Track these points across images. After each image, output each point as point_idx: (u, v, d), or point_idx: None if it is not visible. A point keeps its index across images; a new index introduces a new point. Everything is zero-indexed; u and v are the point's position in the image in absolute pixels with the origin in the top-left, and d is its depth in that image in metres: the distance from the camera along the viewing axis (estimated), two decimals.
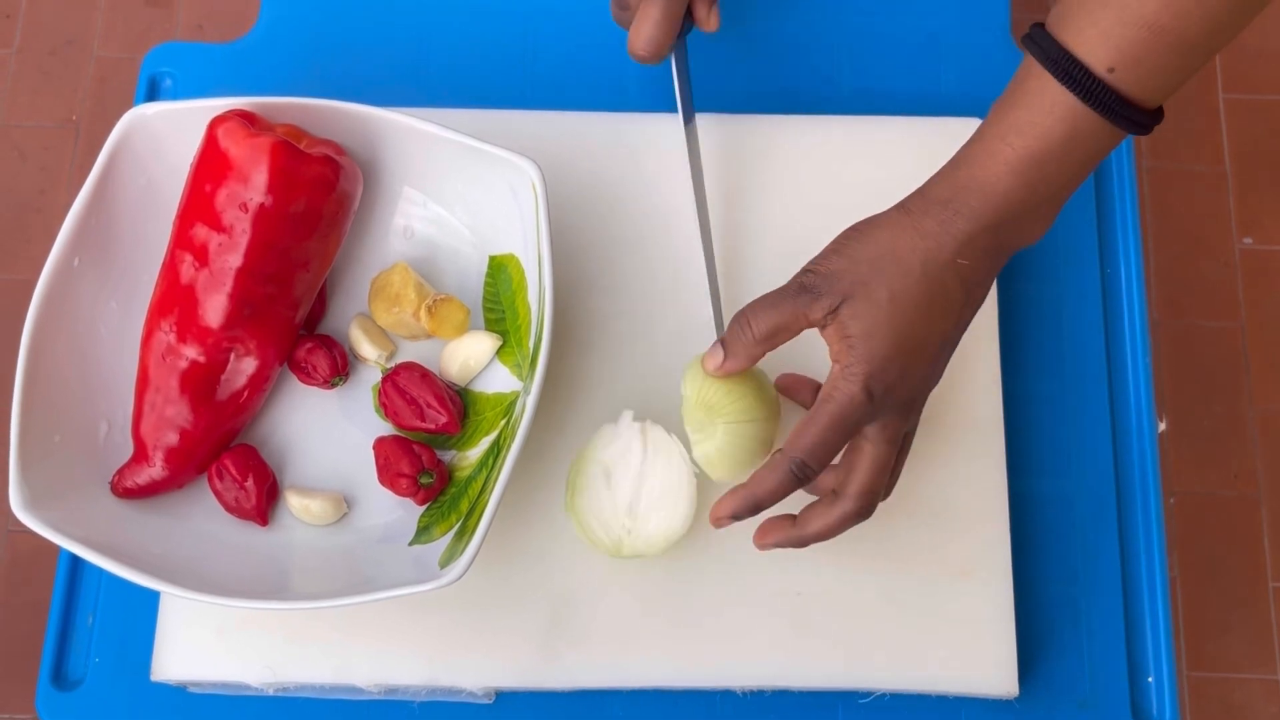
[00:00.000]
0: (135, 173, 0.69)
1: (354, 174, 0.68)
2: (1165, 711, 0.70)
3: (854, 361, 0.56)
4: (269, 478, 0.68)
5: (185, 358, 0.66)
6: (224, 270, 0.65)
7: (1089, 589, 0.71)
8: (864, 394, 0.55)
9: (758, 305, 0.59)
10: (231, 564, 0.65)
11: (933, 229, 0.56)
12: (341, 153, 0.67)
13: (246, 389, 0.67)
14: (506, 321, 0.70)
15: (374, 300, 0.71)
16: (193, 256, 0.65)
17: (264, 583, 0.65)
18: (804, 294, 0.57)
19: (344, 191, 0.67)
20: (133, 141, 0.68)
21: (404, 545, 0.66)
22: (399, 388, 0.68)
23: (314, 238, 0.66)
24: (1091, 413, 0.74)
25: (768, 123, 0.77)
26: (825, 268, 0.57)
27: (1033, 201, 0.56)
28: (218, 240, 0.65)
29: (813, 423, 0.56)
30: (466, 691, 0.68)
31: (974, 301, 0.58)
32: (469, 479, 0.67)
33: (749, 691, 0.68)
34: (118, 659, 0.70)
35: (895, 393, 0.56)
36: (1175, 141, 1.49)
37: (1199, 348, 1.42)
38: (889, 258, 0.56)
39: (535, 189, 0.65)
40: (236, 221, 0.64)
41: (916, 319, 0.56)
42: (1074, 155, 0.55)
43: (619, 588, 0.68)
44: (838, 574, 0.69)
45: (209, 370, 0.66)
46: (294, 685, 0.68)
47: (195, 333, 0.66)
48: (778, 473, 0.57)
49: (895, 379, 0.56)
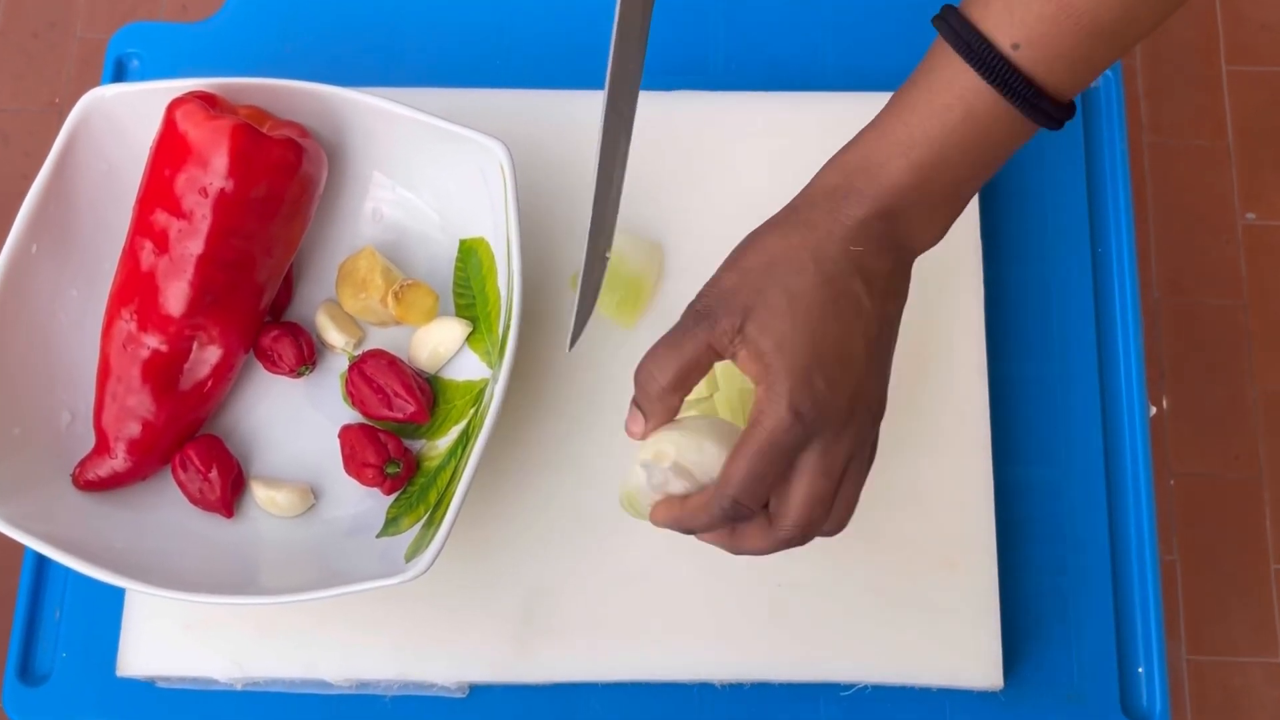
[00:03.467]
0: (95, 157, 0.67)
1: (318, 157, 0.66)
2: (1156, 704, 0.68)
3: (774, 380, 0.51)
4: (234, 469, 0.66)
5: (147, 347, 0.64)
6: (184, 257, 0.63)
7: (1077, 578, 0.69)
8: (790, 415, 0.50)
9: (657, 352, 0.54)
10: (197, 558, 0.64)
11: (820, 220, 0.53)
12: (305, 135, 0.66)
13: (210, 378, 0.66)
14: (477, 307, 0.68)
15: (341, 286, 0.69)
16: (152, 243, 0.64)
17: (230, 577, 0.64)
18: (702, 322, 0.53)
19: (307, 175, 0.65)
20: (92, 125, 0.67)
21: (372, 538, 0.64)
22: (366, 376, 0.67)
23: (277, 222, 0.65)
24: (1081, 397, 0.72)
25: (747, 100, 0.75)
26: (717, 288, 0.53)
27: (927, 189, 0.52)
28: (178, 226, 0.63)
29: (741, 455, 0.51)
30: (439, 685, 0.67)
31: (883, 296, 0.53)
32: (438, 469, 0.65)
33: (727, 685, 0.67)
34: (85, 654, 0.69)
35: (826, 408, 0.51)
36: (1176, 115, 1.47)
37: (1200, 326, 1.40)
38: (780, 260, 0.52)
39: (504, 170, 0.64)
40: (196, 207, 0.63)
41: (825, 319, 0.51)
42: (973, 141, 0.51)
43: (594, 579, 0.67)
44: (818, 564, 0.67)
45: (171, 359, 0.65)
46: (263, 680, 0.67)
47: (156, 321, 0.64)
48: (711, 511, 0.53)
49: (824, 391, 0.51)
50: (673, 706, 0.67)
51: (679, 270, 0.72)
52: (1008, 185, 0.76)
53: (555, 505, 0.68)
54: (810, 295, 0.51)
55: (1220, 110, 1.48)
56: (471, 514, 0.68)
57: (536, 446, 0.69)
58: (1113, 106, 0.78)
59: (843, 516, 0.55)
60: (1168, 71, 1.48)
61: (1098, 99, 0.78)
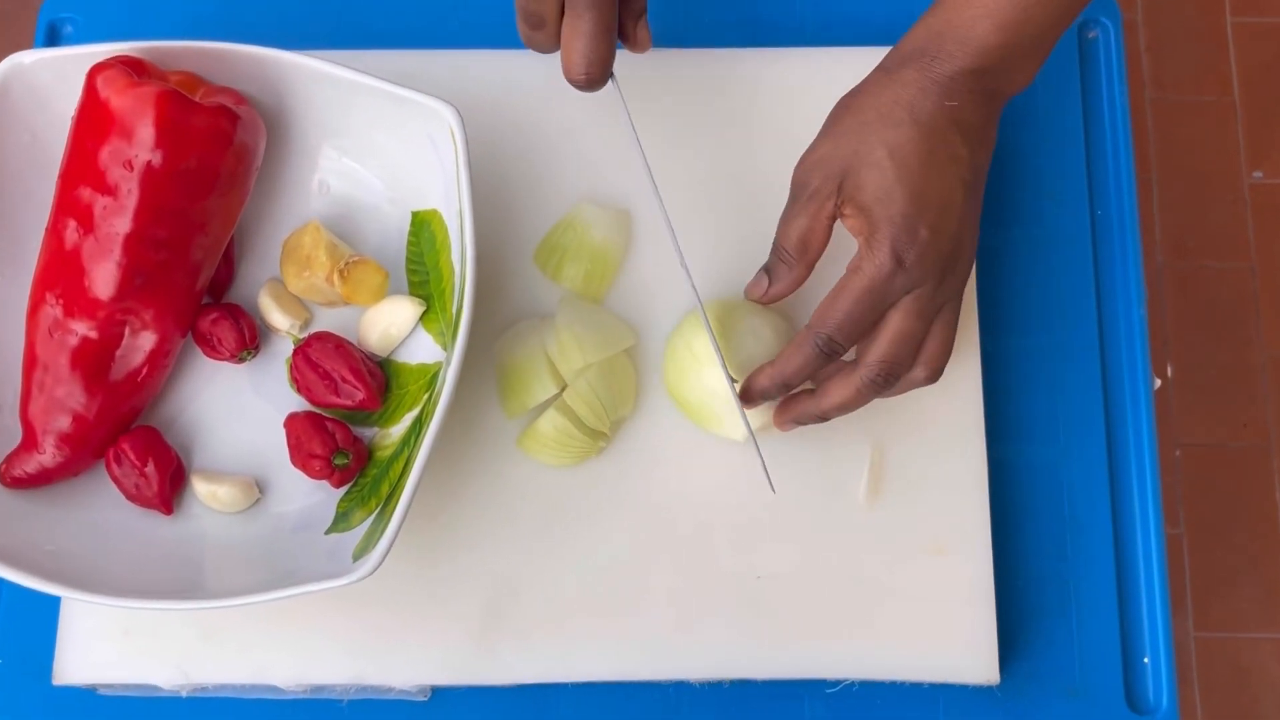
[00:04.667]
0: (17, 128, 0.63)
1: (254, 125, 0.62)
2: (1164, 697, 0.64)
3: (876, 229, 0.54)
4: (173, 462, 0.62)
5: (75, 333, 0.60)
6: (111, 236, 0.59)
7: (1078, 565, 0.66)
8: (892, 261, 0.53)
9: (780, 223, 0.58)
10: (135, 559, 0.60)
11: (913, 77, 0.55)
12: (242, 101, 0.61)
13: (145, 366, 0.62)
14: (430, 284, 0.64)
15: (285, 264, 0.65)
16: (77, 222, 0.59)
17: (171, 580, 0.60)
18: (804, 190, 0.56)
19: (243, 144, 0.61)
20: (12, 93, 0.62)
21: (320, 534, 0.61)
22: (311, 361, 0.63)
23: (211, 197, 0.60)
24: (1080, 371, 0.68)
25: (722, 56, 0.70)
26: (815, 155, 0.56)
27: (1015, 45, 0.55)
28: (103, 203, 0.59)
29: (841, 296, 0.55)
30: (398, 689, 0.63)
31: (976, 146, 0.56)
32: (391, 458, 0.61)
33: (705, 683, 0.64)
34: (21, 661, 0.65)
35: (927, 255, 0.54)
36: (1180, 71, 1.43)
37: (1206, 290, 1.37)
38: (875, 119, 0.55)
39: (454, 136, 0.60)
40: (122, 181, 0.58)
41: (925, 171, 0.54)
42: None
43: (561, 574, 0.63)
44: (800, 554, 0.63)
45: (101, 346, 0.61)
46: (210, 686, 0.63)
47: (84, 306, 0.60)
48: (804, 350, 0.56)
49: (926, 239, 0.53)
50: (647, 707, 0.64)
51: (647, 238, 0.68)
52: (999, 146, 0.71)
53: (519, 496, 0.64)
54: (909, 147, 0.54)
55: (1225, 64, 1.45)
56: (430, 507, 0.64)
57: (497, 434, 0.65)
58: (1112, 59, 0.73)
59: (938, 361, 0.57)
60: (1170, 24, 1.44)
61: (1096, 51, 0.73)
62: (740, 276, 0.67)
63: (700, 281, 0.67)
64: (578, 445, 0.63)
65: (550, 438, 0.63)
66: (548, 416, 0.62)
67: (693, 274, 0.66)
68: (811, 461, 0.64)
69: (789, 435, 0.64)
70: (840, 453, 0.65)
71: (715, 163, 0.69)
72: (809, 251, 0.57)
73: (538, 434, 0.63)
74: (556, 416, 0.62)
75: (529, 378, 0.63)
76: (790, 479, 0.64)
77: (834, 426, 0.64)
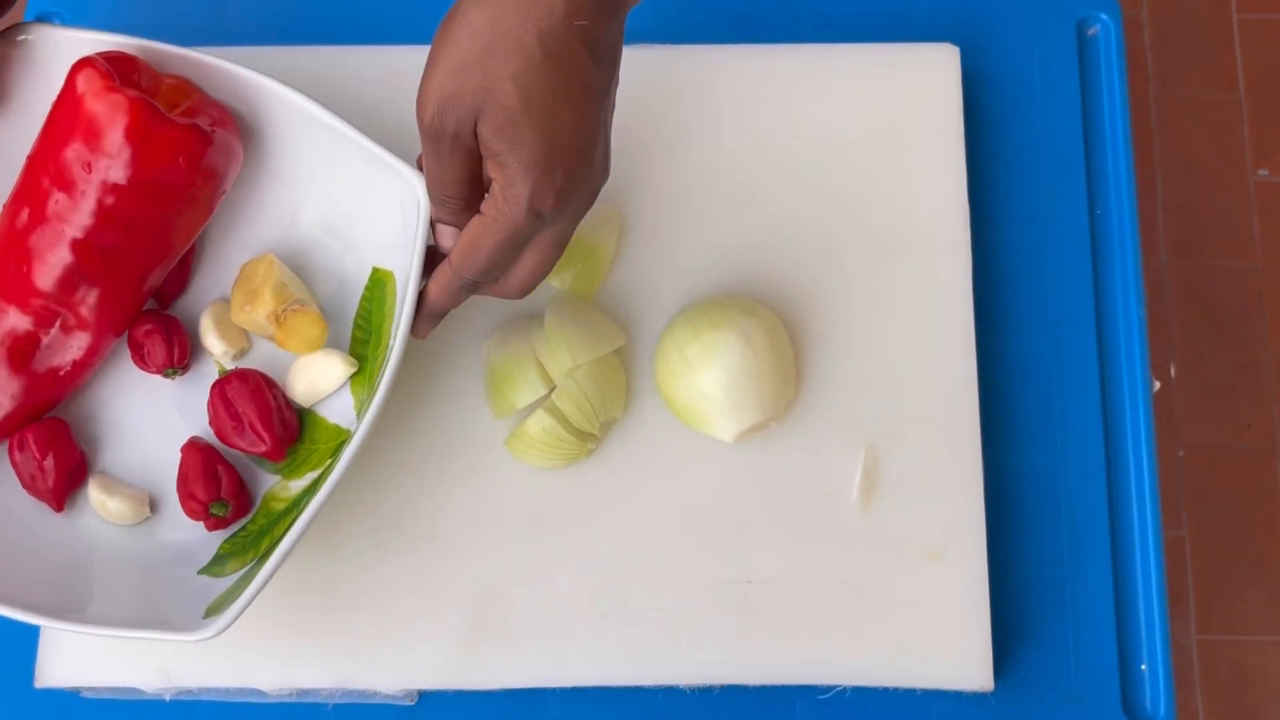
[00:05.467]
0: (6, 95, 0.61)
1: (228, 149, 0.60)
2: (1161, 705, 0.63)
3: (511, 181, 0.50)
4: (74, 460, 0.61)
5: (7, 317, 0.60)
6: (60, 233, 0.58)
7: (1075, 570, 0.65)
8: (529, 213, 0.51)
9: (432, 178, 0.54)
10: (18, 549, 0.59)
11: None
12: (226, 121, 0.60)
13: (69, 364, 0.61)
14: (370, 347, 0.62)
15: (236, 290, 0.63)
16: (31, 210, 0.59)
17: (48, 584, 0.58)
18: (442, 135, 0.51)
19: (211, 167, 0.59)
20: None
21: (193, 572, 0.59)
22: (226, 399, 0.61)
23: (170, 212, 0.59)
24: (1078, 374, 0.67)
25: (715, 53, 0.69)
26: (440, 92, 0.49)
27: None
28: (58, 198, 0.58)
29: (478, 245, 0.53)
30: (384, 694, 0.62)
31: (609, 67, 0.51)
32: (283, 513, 0.60)
33: (695, 688, 0.63)
34: (5, 662, 0.64)
35: (564, 199, 0.51)
36: (1185, 67, 1.42)
37: (1210, 289, 1.36)
38: (498, 44, 0.48)
39: (420, 208, 0.57)
40: (80, 182, 0.57)
41: (559, 107, 0.49)
42: None
43: (549, 577, 0.63)
44: (792, 558, 0.63)
45: (29, 336, 0.60)
46: (195, 689, 0.62)
47: (21, 292, 0.59)
48: (449, 291, 0.56)
49: (563, 185, 0.50)
50: (637, 712, 0.63)
51: (639, 237, 0.67)
52: (998, 140, 0.70)
53: (507, 499, 0.64)
54: (541, 83, 0.48)
55: (1231, 61, 1.43)
56: (416, 508, 0.63)
57: (485, 435, 0.64)
58: (1112, 56, 0.72)
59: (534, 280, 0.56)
60: (1175, 20, 1.43)
61: (1095, 46, 0.72)
62: (733, 275, 0.66)
63: (692, 280, 0.66)
64: (566, 447, 0.62)
65: (539, 439, 0.62)
66: (536, 418, 0.62)
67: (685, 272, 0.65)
68: (804, 465, 0.64)
69: (780, 438, 0.63)
70: (833, 457, 0.64)
71: (708, 160, 0.68)
72: (466, 192, 0.54)
73: (526, 435, 0.62)
74: (545, 418, 0.61)
75: (517, 378, 0.63)
76: (783, 482, 0.63)
77: (827, 428, 0.64)
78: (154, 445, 0.63)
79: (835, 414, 0.64)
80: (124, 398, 0.64)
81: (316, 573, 0.62)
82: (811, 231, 0.67)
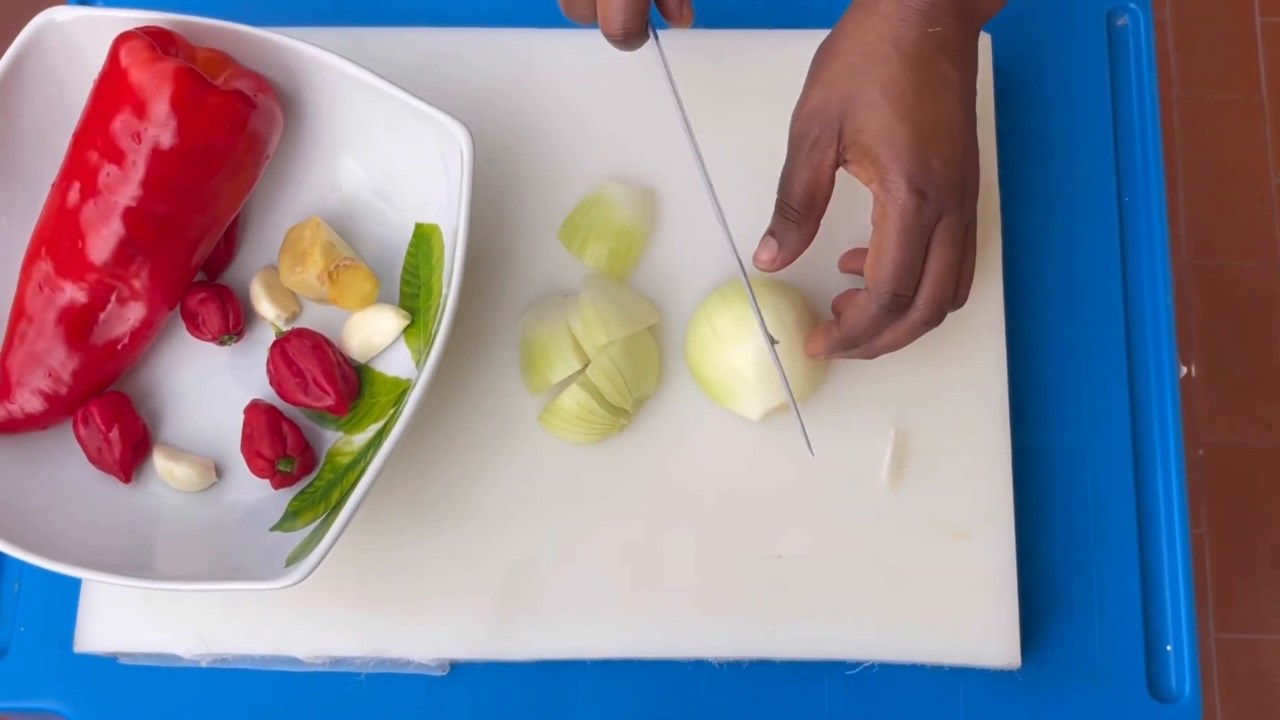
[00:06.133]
0: (45, 80, 0.63)
1: (270, 114, 0.61)
2: (1185, 685, 0.64)
3: (886, 170, 0.53)
4: (138, 432, 0.62)
5: (64, 292, 0.61)
6: (112, 205, 0.59)
7: (1101, 550, 0.65)
8: (916, 196, 0.53)
9: (782, 180, 0.57)
10: (87, 523, 0.60)
11: (891, 10, 0.54)
12: (264, 89, 0.61)
13: (127, 335, 0.62)
14: (420, 299, 0.63)
15: (283, 255, 0.65)
16: (81, 184, 0.60)
17: (118, 552, 0.59)
18: (804, 141, 0.56)
19: (255, 132, 0.61)
20: (44, 45, 0.62)
21: (266, 530, 0.60)
22: (288, 357, 0.62)
23: (217, 179, 0.60)
24: (1106, 357, 0.68)
25: (745, 37, 0.70)
26: (809, 105, 0.56)
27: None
28: (108, 170, 0.59)
29: (883, 249, 0.54)
30: (417, 663, 0.63)
31: (965, 68, 0.56)
32: (348, 466, 0.61)
33: (725, 663, 0.63)
34: (44, 628, 0.65)
35: (944, 182, 0.54)
36: (1207, 69, 1.42)
37: (1230, 289, 1.36)
38: (861, 59, 0.54)
39: (463, 158, 0.59)
40: (129, 153, 0.59)
41: (921, 101, 0.53)
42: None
43: (581, 550, 0.63)
44: (821, 536, 0.63)
45: (87, 310, 0.61)
46: (230, 656, 0.63)
47: (77, 267, 0.60)
48: (869, 311, 0.56)
49: (938, 167, 0.53)
50: (666, 686, 0.63)
51: (672, 217, 0.67)
52: (1028, 128, 0.71)
53: (540, 473, 0.64)
54: (902, 82, 0.53)
55: (1254, 64, 1.43)
56: (451, 482, 0.64)
57: (519, 411, 0.65)
58: (1141, 46, 0.73)
59: (966, 287, 0.58)
60: (1198, 24, 1.43)
61: (1124, 36, 0.73)
62: None
63: (725, 261, 0.66)
64: (599, 422, 0.63)
65: (572, 413, 0.62)
66: (570, 392, 0.62)
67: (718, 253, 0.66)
68: (834, 443, 0.64)
69: (810, 417, 0.64)
70: (863, 435, 0.64)
71: (743, 143, 0.69)
72: (815, 205, 0.57)
73: (560, 410, 0.63)
74: (579, 392, 0.62)
75: (552, 354, 0.63)
76: (813, 460, 0.64)
77: (857, 407, 0.64)
78: (213, 413, 0.64)
79: (865, 395, 0.65)
80: (180, 369, 0.65)
81: (353, 545, 0.63)
82: (843, 214, 0.68)
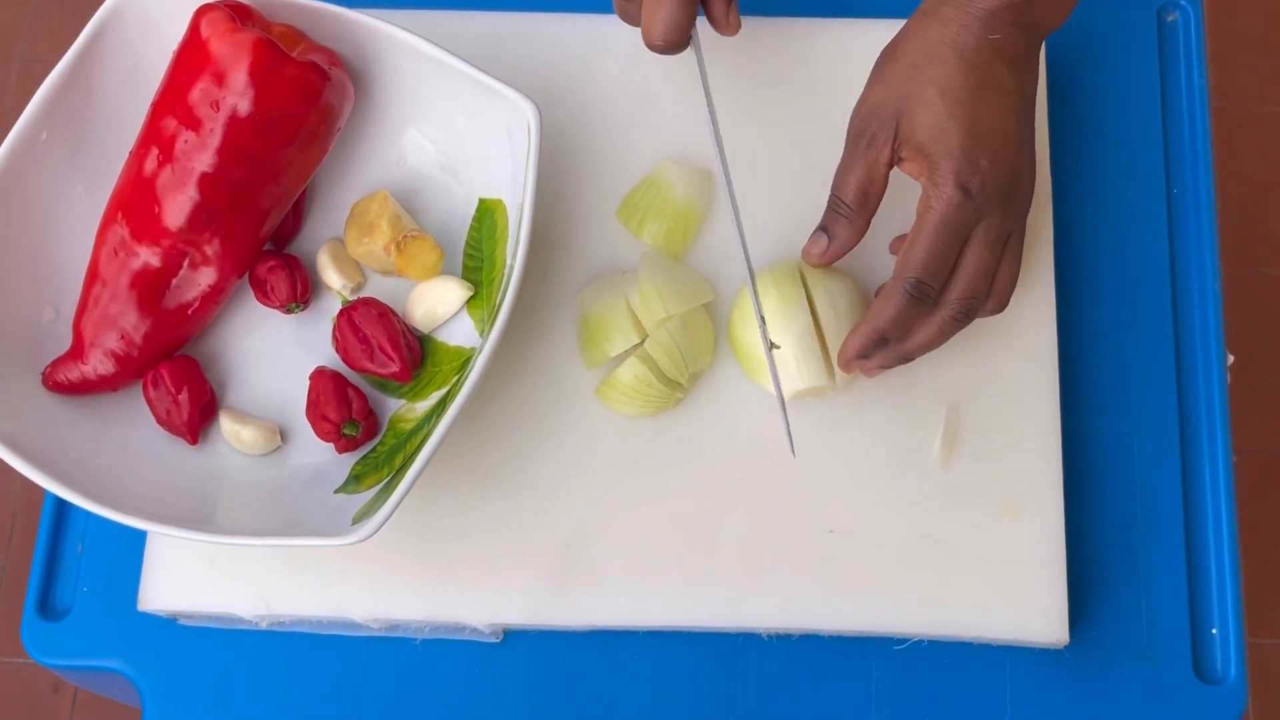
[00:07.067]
0: (123, 53, 0.65)
1: (343, 88, 0.63)
2: (1231, 668, 0.64)
3: (937, 166, 0.55)
4: (206, 395, 0.64)
5: (138, 256, 0.62)
6: (188, 171, 0.61)
7: (1149, 533, 0.66)
8: (960, 192, 0.54)
9: (837, 176, 0.58)
10: (154, 482, 0.61)
11: (953, 15, 0.56)
12: (336, 63, 0.63)
13: (198, 299, 0.63)
14: (483, 271, 0.65)
15: (349, 227, 0.66)
16: (159, 151, 0.61)
17: (183, 510, 0.60)
18: (859, 141, 0.57)
19: (329, 104, 0.62)
20: (123, 19, 0.64)
21: (330, 492, 0.61)
22: (354, 324, 0.64)
23: (290, 149, 0.62)
24: (1155, 344, 0.68)
25: (801, 25, 0.71)
26: (865, 105, 0.58)
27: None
28: (186, 137, 0.61)
29: (918, 238, 0.55)
30: (471, 629, 0.64)
31: (1023, 76, 0.57)
32: (411, 432, 0.62)
33: (774, 635, 0.64)
34: (107, 589, 0.66)
35: (990, 183, 0.55)
36: (1245, 81, 1.42)
37: (1267, 297, 1.36)
38: (922, 60, 0.55)
39: (530, 133, 0.61)
40: (207, 120, 0.60)
41: (977, 104, 0.55)
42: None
43: (634, 521, 0.64)
44: (872, 511, 0.64)
45: (160, 274, 0.62)
46: (288, 618, 0.64)
47: (152, 232, 0.62)
48: (895, 299, 0.56)
49: (988, 168, 0.54)
50: (716, 657, 0.64)
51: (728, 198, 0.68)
52: (1079, 118, 0.72)
53: (596, 445, 0.65)
54: (958, 83, 0.55)
55: None
56: (509, 452, 0.65)
57: (576, 385, 0.66)
58: (1191, 41, 0.74)
59: (1005, 293, 0.58)
60: (1235, 35, 1.44)
61: (1175, 32, 0.74)
62: None
63: (775, 245, 0.67)
64: (656, 395, 0.64)
65: (630, 386, 0.64)
66: (628, 365, 0.64)
67: (771, 233, 0.67)
68: (886, 421, 0.65)
69: (863, 394, 0.65)
70: (915, 413, 0.65)
71: (798, 127, 0.70)
72: (869, 201, 0.58)
73: (617, 383, 0.64)
74: (637, 365, 0.63)
75: (611, 328, 0.65)
76: (865, 437, 0.65)
77: (909, 387, 0.65)
78: (278, 379, 0.65)
79: (919, 376, 0.65)
80: (247, 336, 0.66)
81: (412, 510, 0.64)
82: (897, 200, 0.69)
